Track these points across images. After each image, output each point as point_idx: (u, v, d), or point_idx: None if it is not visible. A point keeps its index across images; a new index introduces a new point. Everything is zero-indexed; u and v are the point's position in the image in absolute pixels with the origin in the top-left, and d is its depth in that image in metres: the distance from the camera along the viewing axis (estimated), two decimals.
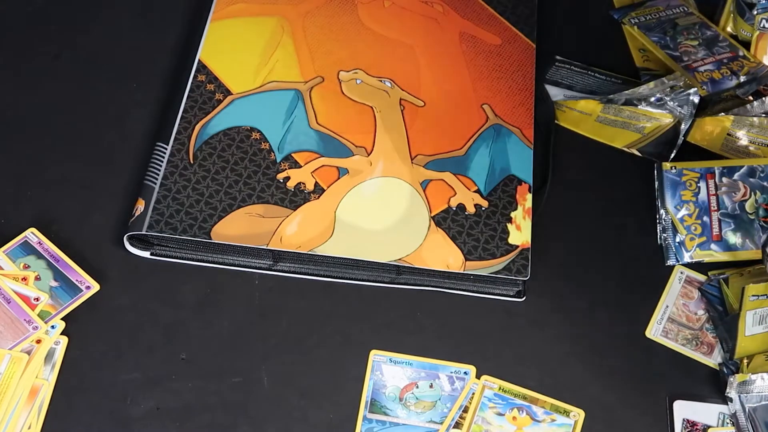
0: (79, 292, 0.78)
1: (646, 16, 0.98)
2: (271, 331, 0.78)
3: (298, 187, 0.83)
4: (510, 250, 0.81)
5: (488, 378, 0.77)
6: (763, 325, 0.78)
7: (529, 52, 0.94)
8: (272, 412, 0.75)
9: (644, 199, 0.88)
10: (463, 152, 0.86)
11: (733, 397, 0.76)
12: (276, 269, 0.81)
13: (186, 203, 0.81)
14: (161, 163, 0.83)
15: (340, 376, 0.77)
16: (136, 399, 0.74)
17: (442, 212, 0.83)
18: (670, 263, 0.85)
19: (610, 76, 0.96)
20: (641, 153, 0.91)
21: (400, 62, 0.92)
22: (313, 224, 0.81)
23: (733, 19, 0.98)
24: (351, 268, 0.81)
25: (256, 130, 0.85)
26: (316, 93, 0.88)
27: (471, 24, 0.95)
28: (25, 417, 0.72)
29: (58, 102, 0.89)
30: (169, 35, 0.95)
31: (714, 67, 0.91)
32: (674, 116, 0.91)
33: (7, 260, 0.79)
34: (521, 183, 0.85)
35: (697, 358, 0.80)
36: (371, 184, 0.83)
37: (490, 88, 0.91)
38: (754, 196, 0.85)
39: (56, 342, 0.76)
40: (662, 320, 0.81)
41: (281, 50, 0.91)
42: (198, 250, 0.81)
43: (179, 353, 0.77)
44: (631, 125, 0.92)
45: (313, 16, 0.94)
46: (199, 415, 0.74)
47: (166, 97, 0.90)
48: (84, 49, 0.93)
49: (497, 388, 0.76)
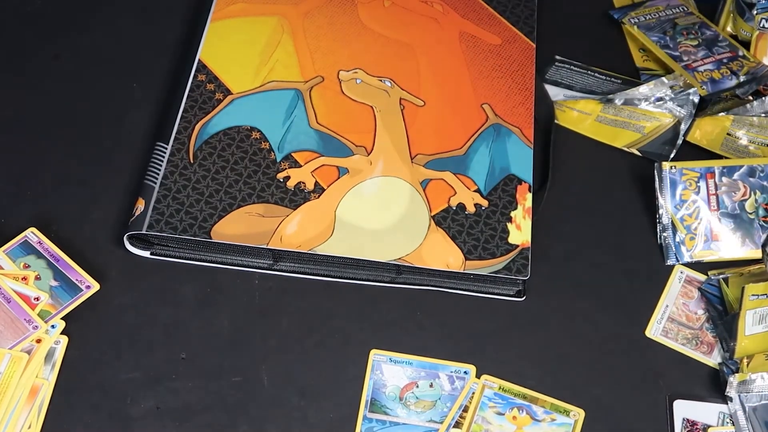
0: (79, 292, 0.78)
1: (646, 16, 0.98)
2: (271, 331, 0.78)
3: (298, 186, 0.83)
4: (510, 250, 0.81)
5: (488, 377, 0.77)
6: (763, 324, 0.78)
7: (529, 52, 0.94)
8: (272, 412, 0.75)
9: (644, 199, 0.88)
10: (463, 152, 0.86)
11: (733, 396, 0.76)
12: (276, 269, 0.81)
13: (186, 203, 0.81)
14: (161, 163, 0.83)
15: (340, 375, 0.77)
16: (136, 399, 0.74)
17: (442, 212, 0.83)
18: (670, 263, 0.85)
19: (610, 76, 0.96)
20: (641, 153, 0.91)
21: (400, 62, 0.92)
22: (313, 224, 0.81)
23: (732, 19, 0.98)
24: (351, 268, 0.81)
25: (256, 130, 0.85)
26: (316, 93, 0.88)
27: (471, 24, 0.96)
28: (25, 417, 0.72)
29: (58, 102, 0.89)
30: (169, 35, 0.95)
31: (714, 67, 0.91)
32: (674, 116, 0.91)
33: (7, 260, 0.79)
34: (521, 182, 0.85)
35: (697, 357, 0.80)
36: (371, 183, 0.83)
37: (490, 87, 0.91)
38: (754, 195, 0.85)
39: (56, 341, 0.76)
40: (662, 320, 0.81)
41: (281, 50, 0.91)
42: (198, 250, 0.81)
43: (179, 353, 0.77)
44: (631, 125, 0.92)
45: (313, 16, 0.94)
46: (199, 414, 0.74)
47: (166, 97, 0.90)
48: (84, 49, 0.93)
49: (497, 388, 0.76)
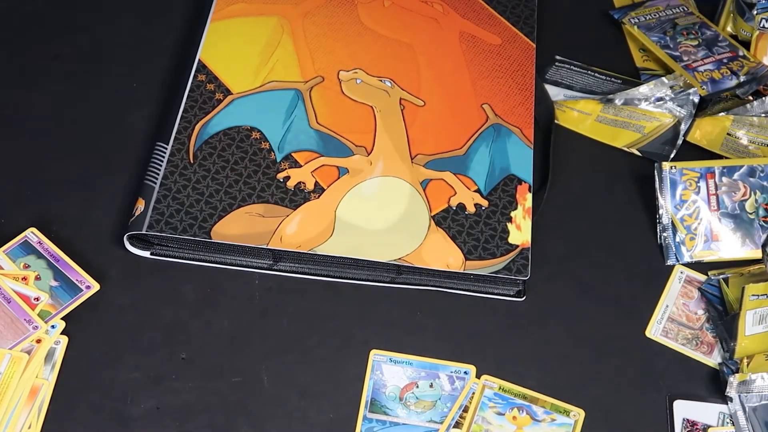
0: (79, 292, 0.78)
1: (646, 16, 0.98)
2: (271, 331, 0.78)
3: (298, 186, 0.83)
4: (510, 250, 0.81)
5: (488, 378, 0.77)
6: (763, 324, 0.78)
7: (529, 52, 0.94)
8: (272, 412, 0.75)
9: (644, 199, 0.88)
10: (463, 152, 0.86)
11: (733, 396, 0.76)
12: (276, 269, 0.81)
13: (186, 203, 0.81)
14: (161, 163, 0.83)
15: (340, 376, 0.77)
16: (136, 399, 0.74)
17: (442, 212, 0.83)
18: (670, 263, 0.85)
19: (610, 76, 0.96)
20: (641, 153, 0.91)
21: (400, 62, 0.92)
22: (313, 224, 0.81)
23: (733, 19, 0.98)
24: (351, 268, 0.81)
25: (256, 130, 0.85)
26: (316, 93, 0.88)
27: (471, 24, 0.95)
28: (25, 417, 0.72)
29: (58, 102, 0.89)
30: (169, 35, 0.95)
31: (714, 67, 0.91)
32: (674, 116, 0.91)
33: (7, 260, 0.79)
34: (521, 182, 0.85)
35: (697, 357, 0.80)
36: (371, 183, 0.83)
37: (490, 87, 0.91)
38: (754, 195, 0.85)
39: (56, 342, 0.76)
40: (662, 320, 0.81)
41: (281, 50, 0.91)
42: (198, 250, 0.81)
43: (179, 353, 0.77)
44: (631, 125, 0.92)
45: (313, 16, 0.94)
46: (199, 415, 0.74)
47: (166, 97, 0.90)
48: (84, 49, 0.93)
49: (497, 388, 0.76)
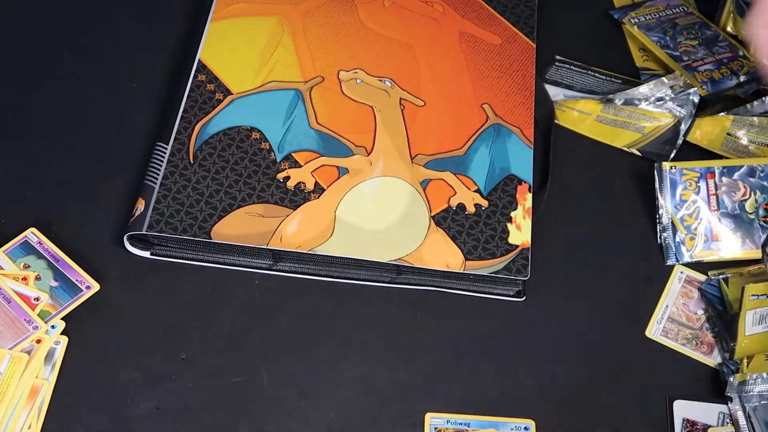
0: (79, 292, 0.78)
1: (646, 16, 0.98)
2: (271, 331, 0.78)
3: (298, 186, 0.83)
4: (510, 250, 0.81)
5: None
6: (763, 324, 0.78)
7: (529, 52, 0.94)
8: (272, 412, 0.75)
9: (644, 199, 0.88)
10: (463, 152, 0.86)
11: (733, 397, 0.76)
12: (276, 269, 0.81)
13: (186, 203, 0.81)
14: (161, 163, 0.83)
15: (340, 376, 0.77)
16: (136, 399, 0.74)
17: (442, 212, 0.83)
18: (670, 263, 0.85)
19: (610, 76, 0.96)
20: (641, 153, 0.91)
21: (400, 62, 0.92)
22: (313, 224, 0.81)
23: (733, 19, 0.98)
24: (351, 268, 0.81)
25: (256, 130, 0.85)
26: (316, 93, 0.88)
27: (471, 24, 0.95)
28: (25, 417, 0.72)
29: (58, 102, 0.89)
30: (169, 35, 0.95)
31: (714, 66, 0.91)
32: (674, 116, 0.91)
33: (7, 260, 0.79)
34: (521, 183, 0.85)
35: (697, 357, 0.80)
36: (371, 183, 0.83)
37: (490, 87, 0.91)
38: (754, 195, 0.85)
39: (56, 342, 0.76)
40: (662, 320, 0.81)
41: (281, 50, 0.91)
42: (198, 250, 0.81)
43: (179, 353, 0.77)
44: (631, 125, 0.92)
45: (313, 16, 0.94)
46: (199, 415, 0.74)
47: (166, 97, 0.90)
48: (84, 49, 0.93)
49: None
